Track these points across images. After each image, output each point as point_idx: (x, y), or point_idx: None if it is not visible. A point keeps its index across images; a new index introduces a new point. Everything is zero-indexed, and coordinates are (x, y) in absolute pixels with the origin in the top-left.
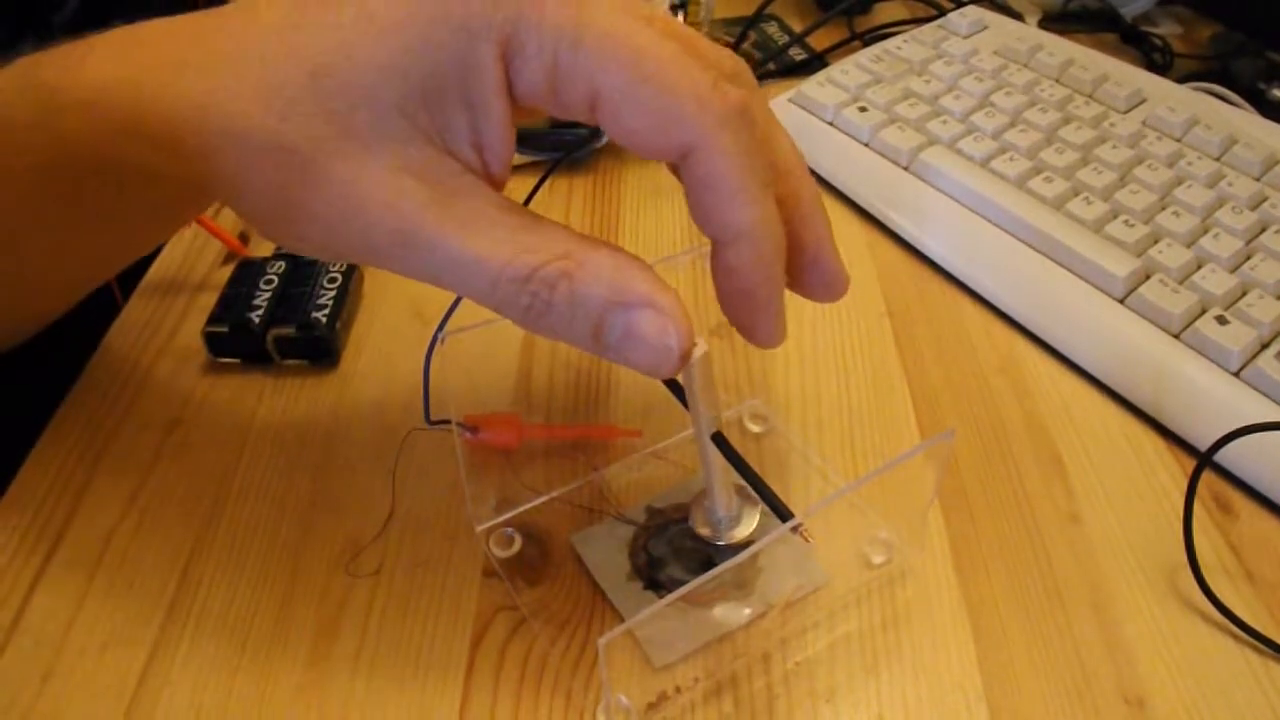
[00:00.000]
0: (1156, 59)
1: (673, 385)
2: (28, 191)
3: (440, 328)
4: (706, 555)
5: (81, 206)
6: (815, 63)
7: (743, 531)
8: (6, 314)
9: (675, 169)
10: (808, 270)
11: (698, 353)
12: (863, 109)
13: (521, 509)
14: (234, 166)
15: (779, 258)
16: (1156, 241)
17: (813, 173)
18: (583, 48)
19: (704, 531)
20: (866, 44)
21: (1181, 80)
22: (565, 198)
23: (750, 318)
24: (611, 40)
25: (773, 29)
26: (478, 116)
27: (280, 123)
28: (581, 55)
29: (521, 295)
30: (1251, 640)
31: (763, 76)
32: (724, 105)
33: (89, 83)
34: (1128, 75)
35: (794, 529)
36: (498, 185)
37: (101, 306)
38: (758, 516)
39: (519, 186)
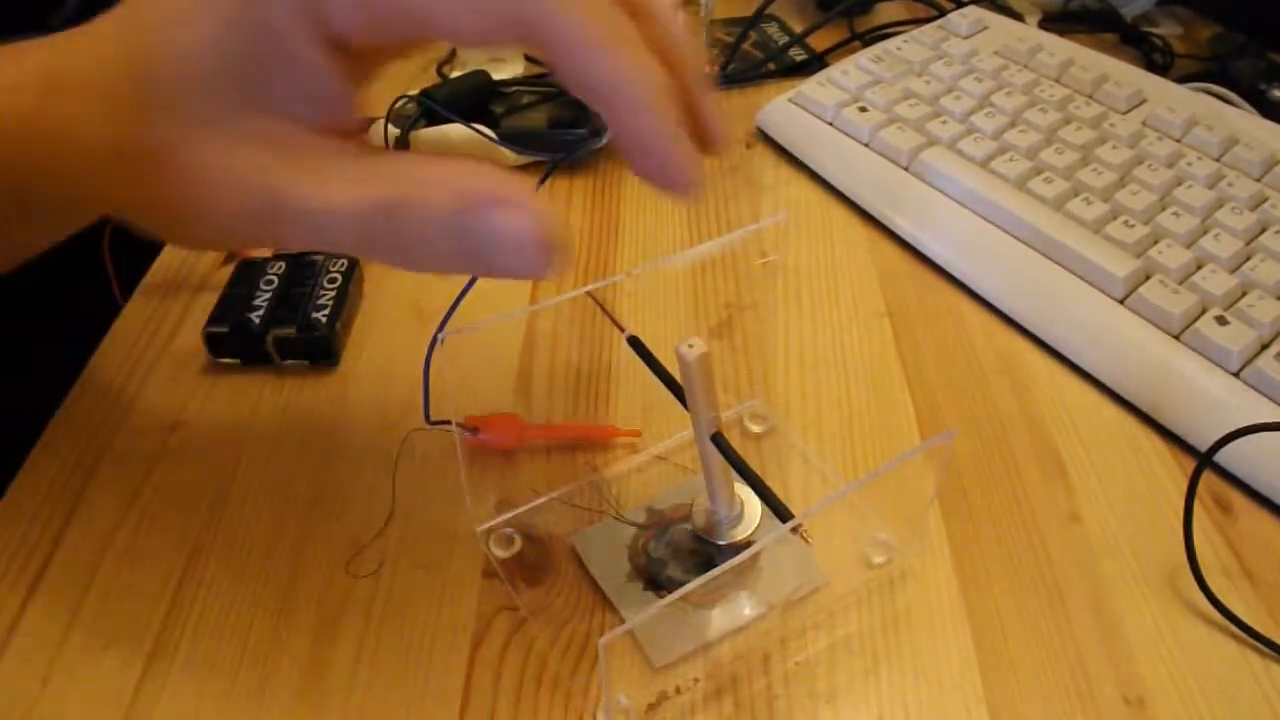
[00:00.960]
0: (1156, 59)
1: (672, 385)
2: None
3: (440, 328)
4: (706, 556)
5: None
6: (815, 63)
7: (743, 531)
8: None
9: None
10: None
11: (696, 352)
12: (863, 109)
13: (521, 509)
14: (104, 184)
15: (652, 107)
16: (1156, 242)
17: (813, 173)
18: None
19: (705, 531)
20: (867, 44)
21: (1181, 81)
22: (565, 198)
23: (650, 169)
24: None
25: (773, 29)
26: (301, 75)
27: (126, 130)
28: None
29: (373, 229)
30: (1251, 640)
31: (763, 77)
32: None
33: None
34: (1128, 76)
35: (793, 529)
36: (353, 133)
37: (101, 306)
38: (759, 516)
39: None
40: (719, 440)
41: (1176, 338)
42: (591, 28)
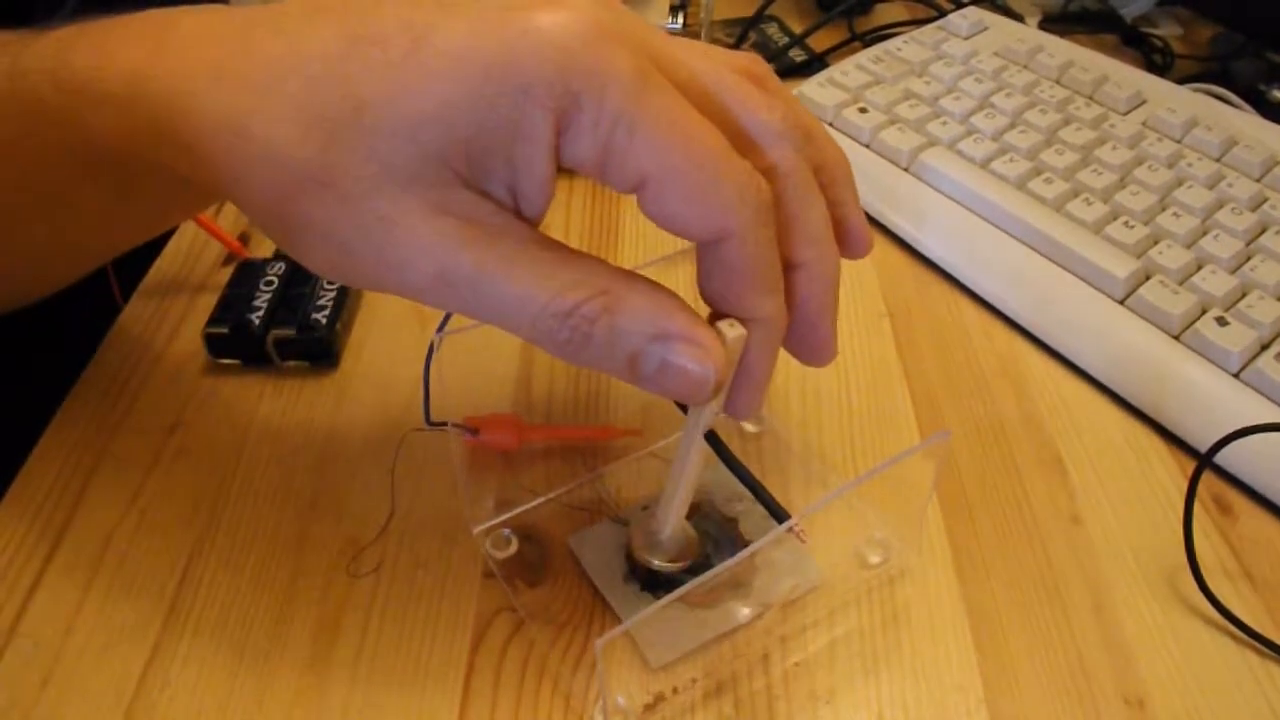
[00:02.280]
0: (1157, 60)
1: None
2: (50, 172)
3: (440, 328)
4: (704, 556)
5: (102, 191)
6: (815, 64)
7: (681, 559)
8: (8, 281)
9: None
10: (799, 337)
11: (736, 333)
12: (863, 110)
13: (519, 510)
14: (268, 192)
15: (775, 350)
16: (1156, 243)
17: None
18: (638, 134)
19: (642, 551)
20: (867, 45)
21: (1182, 81)
22: (565, 198)
23: (738, 390)
24: (667, 127)
25: (773, 30)
26: (520, 176)
27: (320, 154)
28: (637, 141)
29: (561, 330)
30: (1251, 641)
31: None
32: (760, 196)
33: (121, 74)
34: (1128, 76)
35: (790, 529)
36: (535, 220)
37: (101, 307)
38: (697, 544)
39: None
40: (713, 438)
41: (1176, 338)
42: (765, 269)
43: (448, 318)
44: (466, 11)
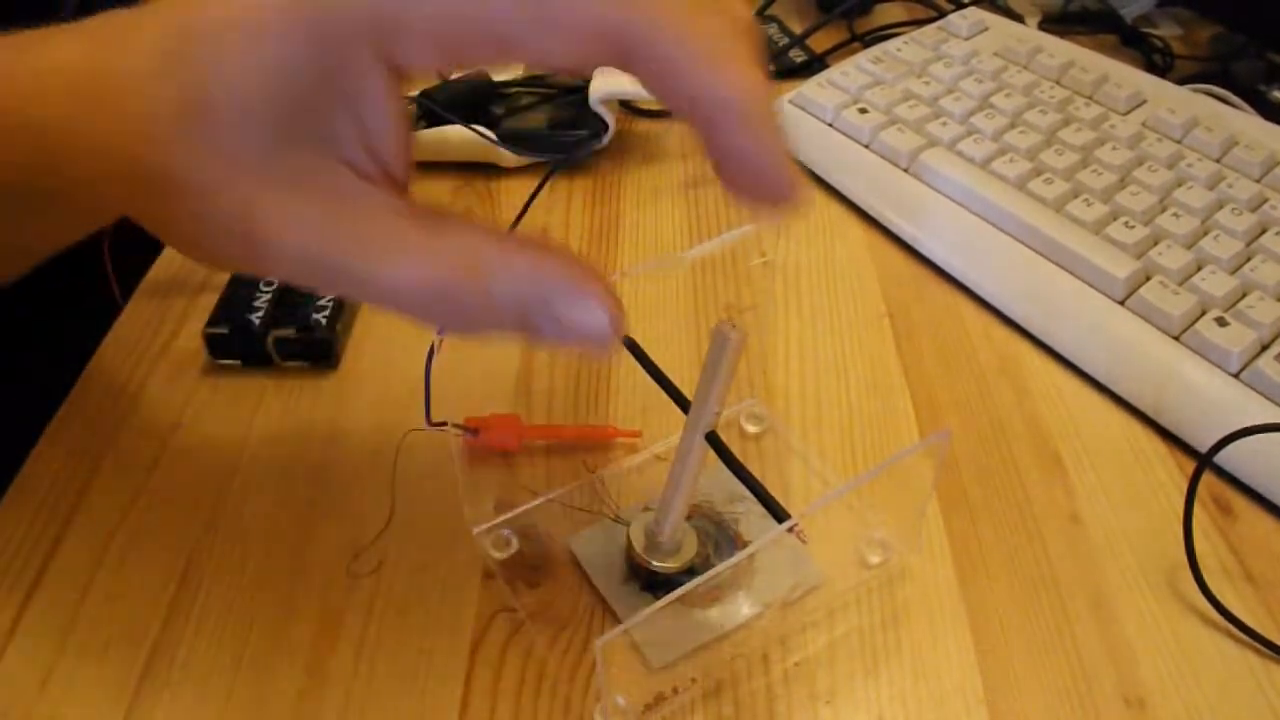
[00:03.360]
0: (1157, 60)
1: (668, 386)
2: None
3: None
4: (704, 556)
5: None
6: (815, 64)
7: (680, 560)
8: None
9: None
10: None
11: (738, 335)
12: (863, 110)
13: (519, 510)
14: (134, 204)
15: (768, 117)
16: (1156, 243)
17: (813, 174)
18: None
19: (641, 552)
20: (867, 46)
21: (1182, 82)
22: (565, 198)
23: (754, 176)
24: None
25: (773, 30)
26: (367, 121)
27: (164, 158)
28: (470, 5)
29: (436, 308)
30: (1251, 641)
31: None
32: None
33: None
34: (1128, 77)
35: (789, 529)
36: (401, 182)
37: (101, 307)
38: (695, 545)
39: (520, 188)
40: (713, 439)
41: (1176, 339)
42: (696, 40)
43: None
44: None
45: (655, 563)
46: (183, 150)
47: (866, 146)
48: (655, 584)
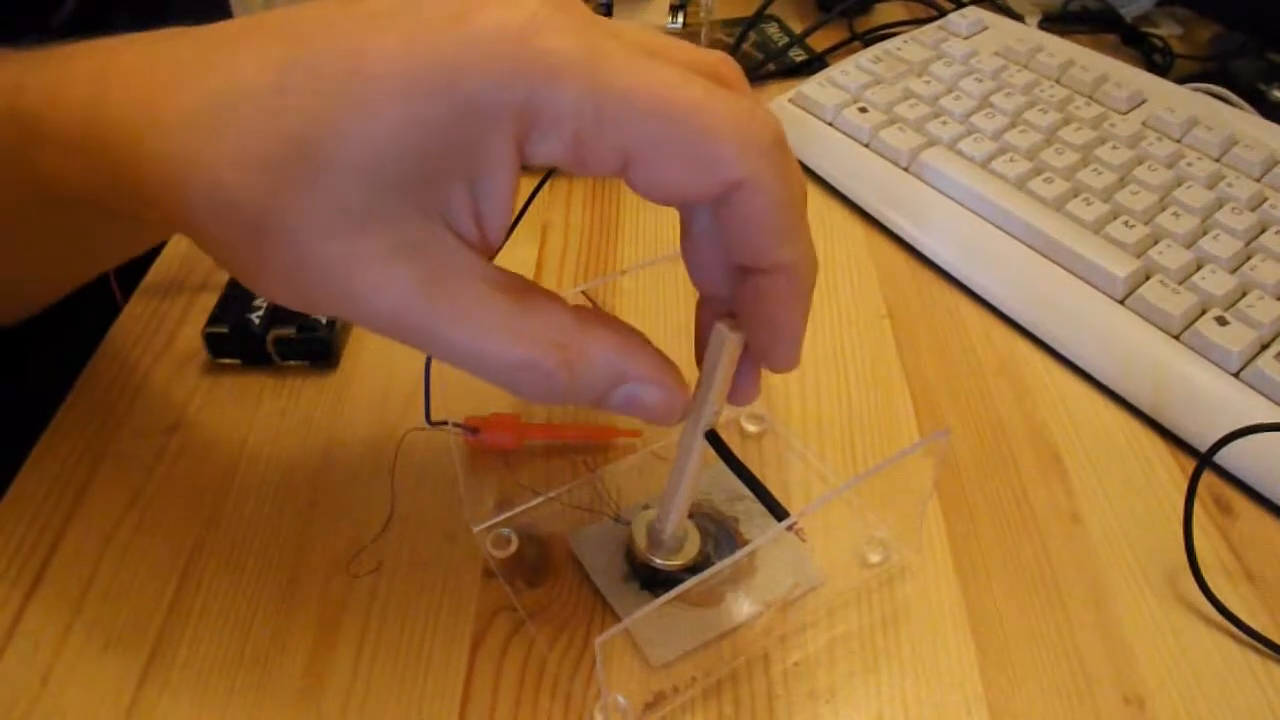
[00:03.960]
0: (1157, 60)
1: None
2: (3, 207)
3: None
4: (704, 555)
5: (54, 229)
6: (815, 63)
7: (683, 557)
8: None
9: (687, 210)
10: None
11: (737, 335)
12: (863, 110)
13: (519, 509)
14: (221, 237)
15: (807, 296)
16: (1156, 242)
17: (813, 173)
18: (606, 114)
19: (644, 550)
20: (866, 45)
21: (1182, 81)
22: (565, 198)
23: (773, 345)
24: (635, 96)
25: (773, 29)
26: (481, 195)
27: (269, 198)
28: (607, 122)
29: (521, 383)
30: (1251, 640)
31: (763, 77)
32: (764, 135)
33: (67, 116)
34: (1128, 76)
35: (789, 528)
36: (492, 251)
37: (101, 306)
38: (698, 543)
39: (543, 205)
40: (713, 437)
41: (1176, 338)
42: (789, 210)
43: None
44: (404, 25)
45: (658, 560)
46: (291, 192)
47: (866, 146)
48: (656, 582)
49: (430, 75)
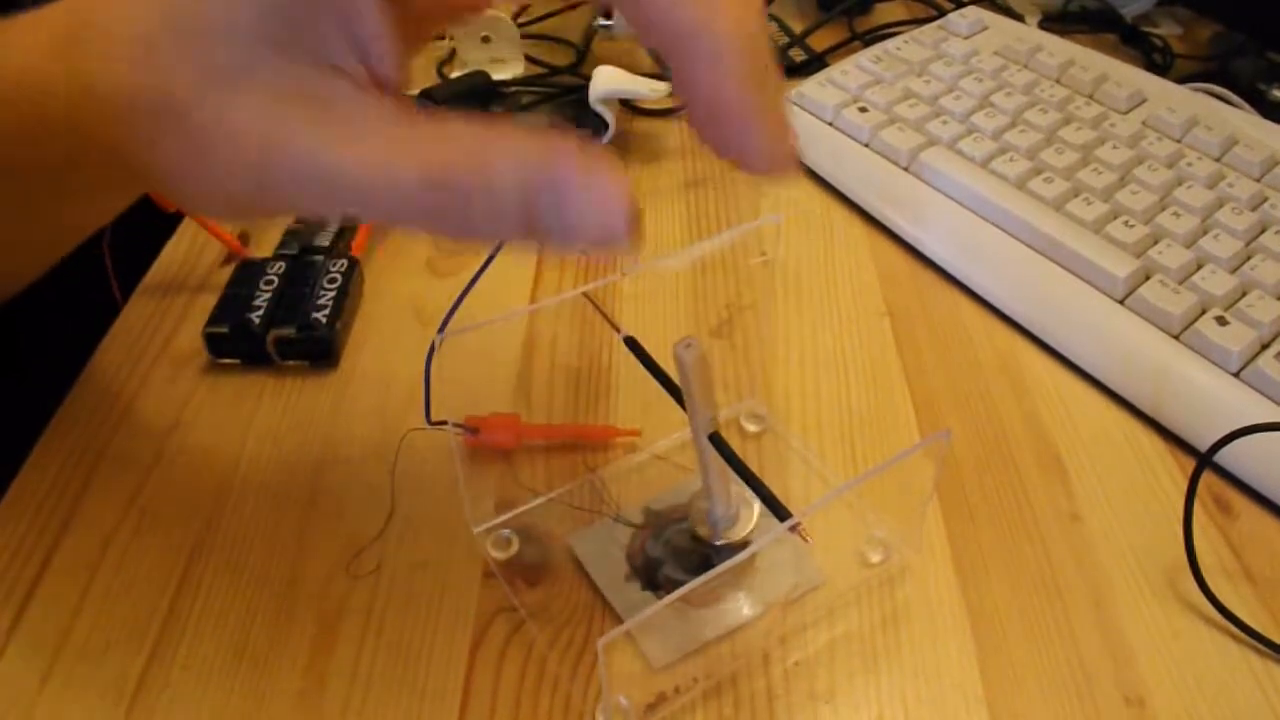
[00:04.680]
0: (1157, 59)
1: (669, 385)
2: None
3: (441, 328)
4: (704, 555)
5: (11, 199)
6: (815, 63)
7: (740, 531)
8: None
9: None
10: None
11: (694, 352)
12: (863, 109)
13: (520, 510)
14: (129, 135)
15: (748, 66)
16: (1156, 242)
17: (813, 173)
18: None
19: (702, 531)
20: (867, 44)
21: (1182, 81)
22: None
23: (721, 131)
24: None
25: (773, 29)
26: (355, 29)
27: (150, 77)
28: None
29: (437, 203)
30: (1251, 640)
31: None
32: None
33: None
34: (1128, 76)
35: (792, 528)
36: (394, 91)
37: (101, 306)
38: (755, 515)
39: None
40: (716, 440)
41: (1176, 338)
42: None
43: (448, 317)
44: None
45: (719, 541)
46: (166, 67)
47: (866, 145)
48: (657, 583)
49: None
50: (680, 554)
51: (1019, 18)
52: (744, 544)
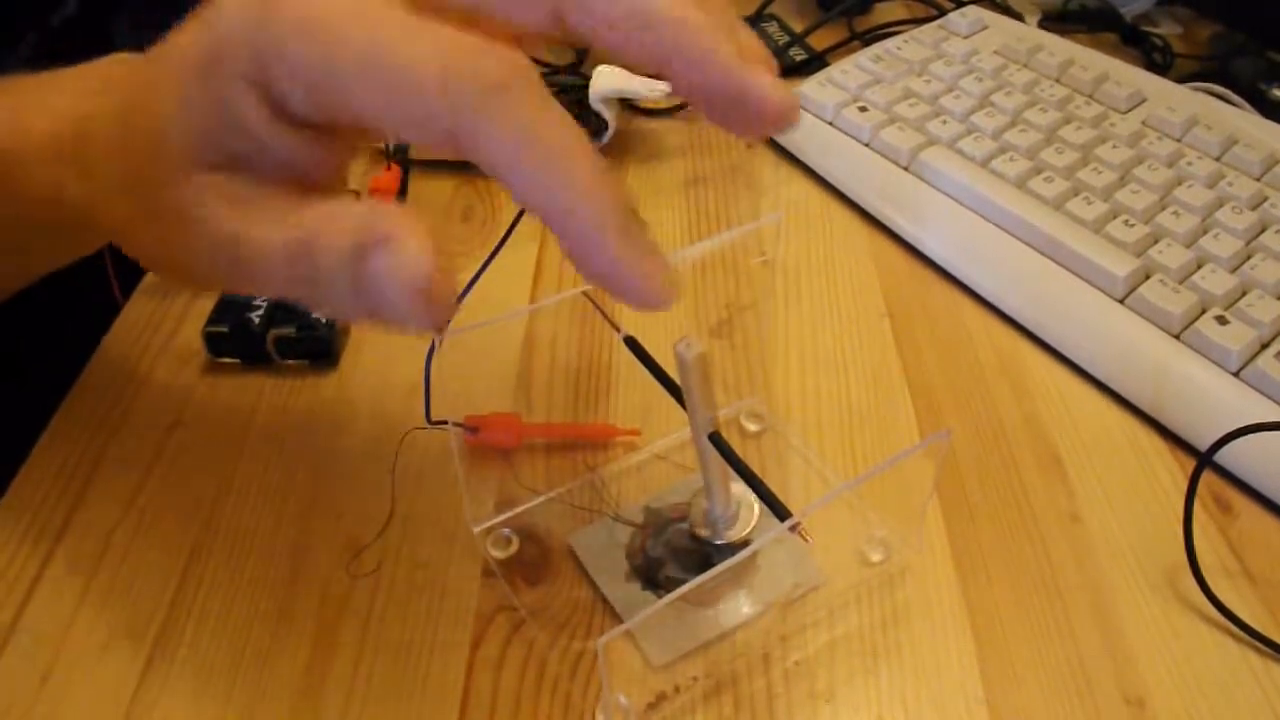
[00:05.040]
0: (1157, 59)
1: (670, 385)
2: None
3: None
4: (704, 555)
5: (22, 230)
6: (815, 63)
7: (740, 530)
8: None
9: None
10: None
11: (693, 352)
12: (863, 109)
13: (519, 509)
14: (99, 213)
15: (707, 32)
16: (1156, 241)
17: (814, 173)
18: (295, 60)
19: (703, 531)
20: (867, 44)
21: (1182, 80)
22: None
23: (706, 80)
24: (318, 33)
25: (773, 29)
26: (260, 142)
27: (117, 170)
28: (295, 68)
29: (290, 271)
30: (1251, 640)
31: None
32: (476, 83)
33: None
34: (1128, 75)
35: (792, 528)
36: (327, 187)
37: (101, 306)
38: (756, 515)
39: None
40: (717, 439)
41: (1176, 337)
42: (527, 148)
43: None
44: (204, 19)
45: (720, 540)
46: (122, 163)
47: (867, 145)
48: (656, 583)
49: (198, 51)
50: (680, 554)
51: (1019, 17)
52: (744, 544)
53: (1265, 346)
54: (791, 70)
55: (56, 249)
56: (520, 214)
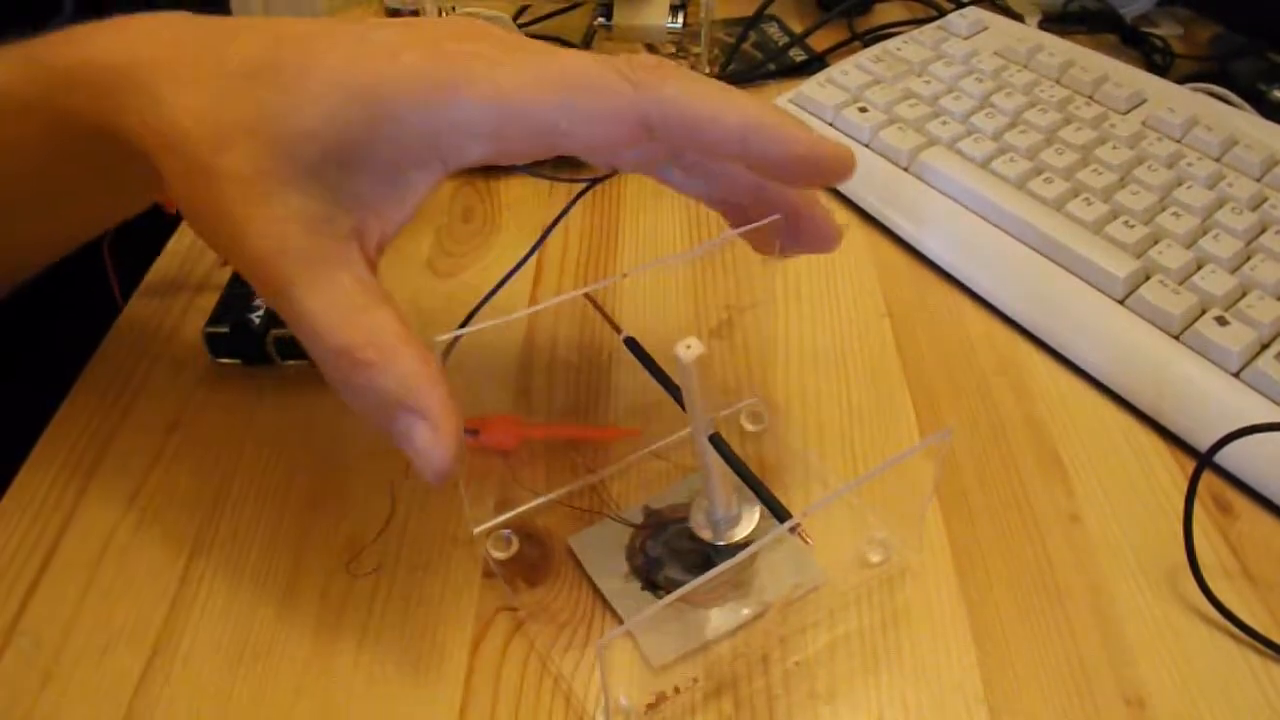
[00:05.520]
0: (1157, 60)
1: (669, 386)
2: (30, 156)
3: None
4: (704, 555)
5: (76, 167)
6: (815, 63)
7: (742, 531)
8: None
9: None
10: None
11: (693, 353)
12: (863, 110)
13: (519, 510)
14: (176, 172)
15: (705, 94)
16: (1156, 242)
17: None
18: (509, 106)
19: (704, 532)
20: (866, 45)
21: (1182, 81)
22: (565, 199)
23: (811, 173)
24: (518, 87)
25: (773, 29)
26: (391, 191)
27: (214, 155)
28: (508, 116)
29: (333, 366)
30: (1251, 640)
31: (763, 77)
32: (642, 76)
33: (96, 63)
34: (1128, 76)
35: (792, 529)
36: (379, 247)
37: (101, 306)
38: (757, 516)
39: (520, 187)
40: (717, 440)
41: (1176, 338)
42: (704, 85)
43: (466, 322)
44: (352, 49)
45: (720, 541)
46: (233, 155)
47: (867, 145)
48: (656, 583)
49: (355, 87)
50: (680, 554)
51: (1019, 18)
52: (744, 544)
53: (1265, 347)
54: (791, 71)
55: (112, 193)
56: (548, 230)
